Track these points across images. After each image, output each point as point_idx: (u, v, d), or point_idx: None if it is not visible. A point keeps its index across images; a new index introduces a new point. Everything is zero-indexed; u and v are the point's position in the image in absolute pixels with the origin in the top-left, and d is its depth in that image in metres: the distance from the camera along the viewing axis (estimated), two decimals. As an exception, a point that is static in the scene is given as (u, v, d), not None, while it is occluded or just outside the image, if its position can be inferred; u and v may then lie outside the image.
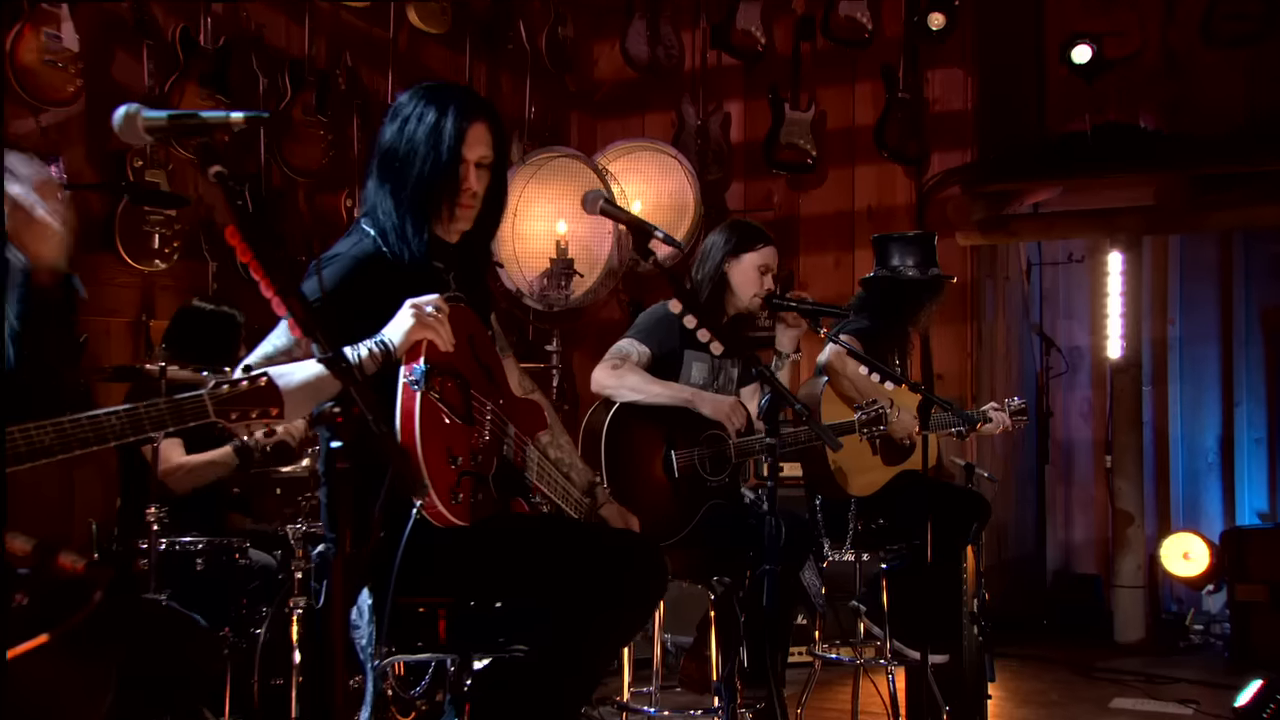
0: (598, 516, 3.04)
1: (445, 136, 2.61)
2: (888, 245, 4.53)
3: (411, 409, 2.43)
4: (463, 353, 2.59)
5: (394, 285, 2.55)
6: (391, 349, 2.46)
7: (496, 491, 2.64)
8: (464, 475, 2.53)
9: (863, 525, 4.34)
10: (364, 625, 2.52)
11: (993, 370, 6.69)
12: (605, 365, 3.74)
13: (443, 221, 2.69)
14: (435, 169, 2.61)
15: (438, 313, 2.48)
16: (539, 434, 2.95)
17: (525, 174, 5.74)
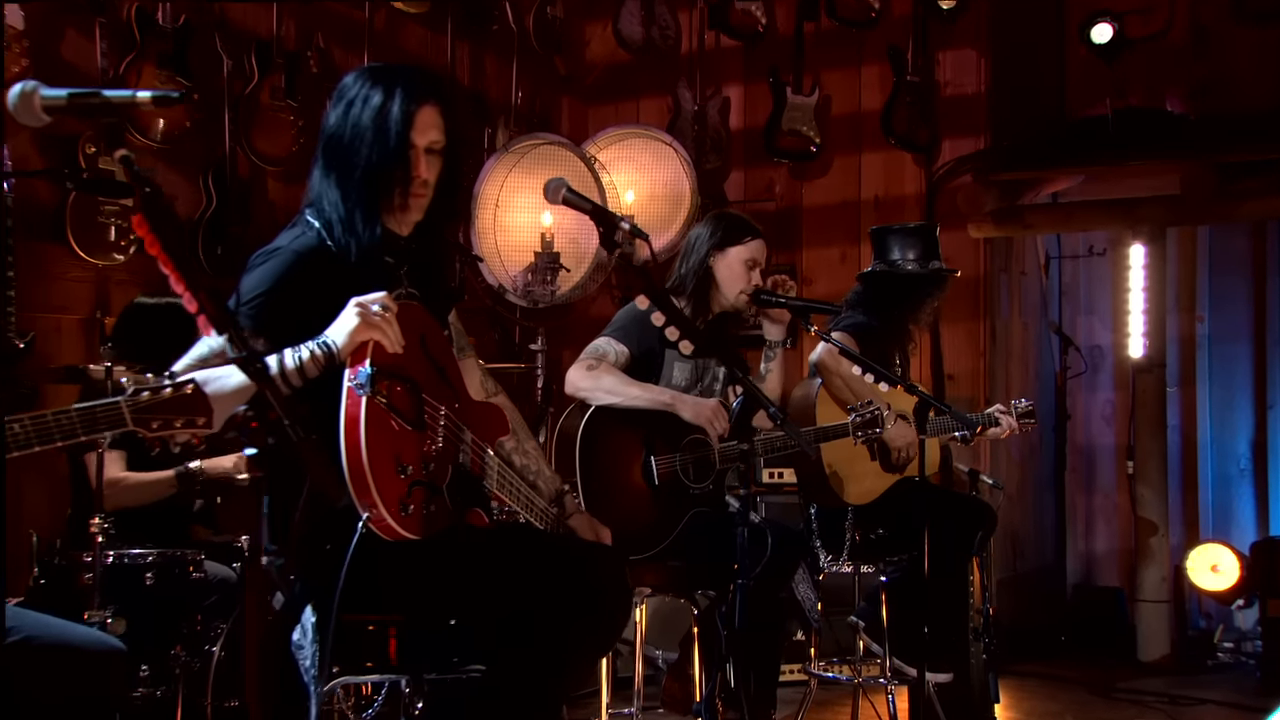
0: (566, 527, 3.02)
1: (392, 121, 2.58)
2: (886, 237, 4.51)
3: (356, 415, 2.40)
4: (414, 354, 2.56)
5: (339, 281, 2.52)
6: (334, 350, 2.43)
7: (451, 502, 2.61)
8: (415, 485, 2.50)
9: (860, 535, 4.33)
10: (308, 645, 2.49)
11: (1007, 370, 6.64)
12: (580, 366, 3.72)
13: (393, 212, 2.66)
14: (383, 156, 2.58)
15: (385, 311, 2.45)
16: (500, 440, 2.93)
17: (508, 162, 5.71)
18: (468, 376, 2.97)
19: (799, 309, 3.86)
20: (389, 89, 2.61)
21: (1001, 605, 6.28)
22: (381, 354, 2.46)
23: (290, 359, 2.41)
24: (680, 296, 3.93)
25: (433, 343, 2.66)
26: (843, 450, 4.17)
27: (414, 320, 2.60)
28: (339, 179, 2.60)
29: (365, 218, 2.59)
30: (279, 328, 2.47)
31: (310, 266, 2.55)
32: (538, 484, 3.03)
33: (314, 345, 2.42)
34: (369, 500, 2.40)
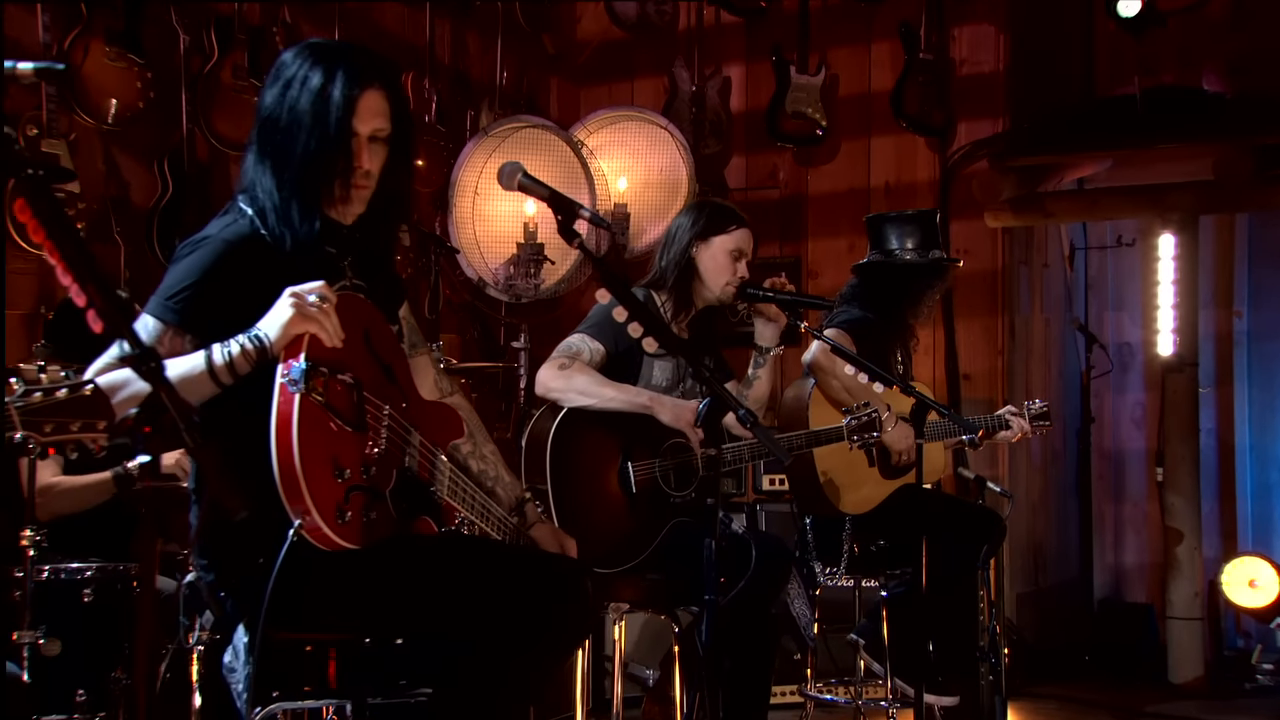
0: (527, 538, 2.99)
1: (333, 106, 2.54)
2: (883, 226, 4.50)
3: (289, 413, 2.37)
4: (355, 349, 2.53)
5: (274, 272, 2.49)
6: (267, 344, 2.40)
7: (396, 509, 2.57)
8: (354, 490, 2.47)
9: (859, 547, 4.31)
10: (240, 668, 2.46)
11: (1028, 370, 6.60)
12: (552, 365, 3.70)
13: (333, 202, 2.62)
14: (322, 144, 2.55)
15: (323, 302, 2.42)
16: (455, 443, 2.89)
17: (487, 147, 5.69)
18: (420, 374, 2.95)
19: (788, 304, 3.84)
20: (329, 70, 2.57)
21: (1021, 622, 6.26)
22: (319, 348, 2.43)
23: (219, 354, 2.38)
24: (661, 290, 3.91)
25: (377, 337, 2.63)
26: (839, 456, 4.14)
27: (356, 313, 2.56)
28: (274, 166, 2.57)
29: (302, 208, 2.56)
30: (208, 323, 2.44)
31: (242, 257, 2.52)
32: (496, 491, 3.00)
33: (245, 339, 2.39)
34: (301, 506, 2.36)
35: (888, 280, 4.46)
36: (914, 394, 3.60)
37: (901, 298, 4.46)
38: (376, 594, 2.53)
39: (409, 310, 2.97)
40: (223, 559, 2.52)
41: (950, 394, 6.29)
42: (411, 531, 2.63)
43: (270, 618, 2.39)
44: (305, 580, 2.44)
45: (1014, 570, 6.31)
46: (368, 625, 2.56)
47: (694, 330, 3.97)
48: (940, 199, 6.36)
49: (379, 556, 2.50)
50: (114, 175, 4.73)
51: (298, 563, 2.39)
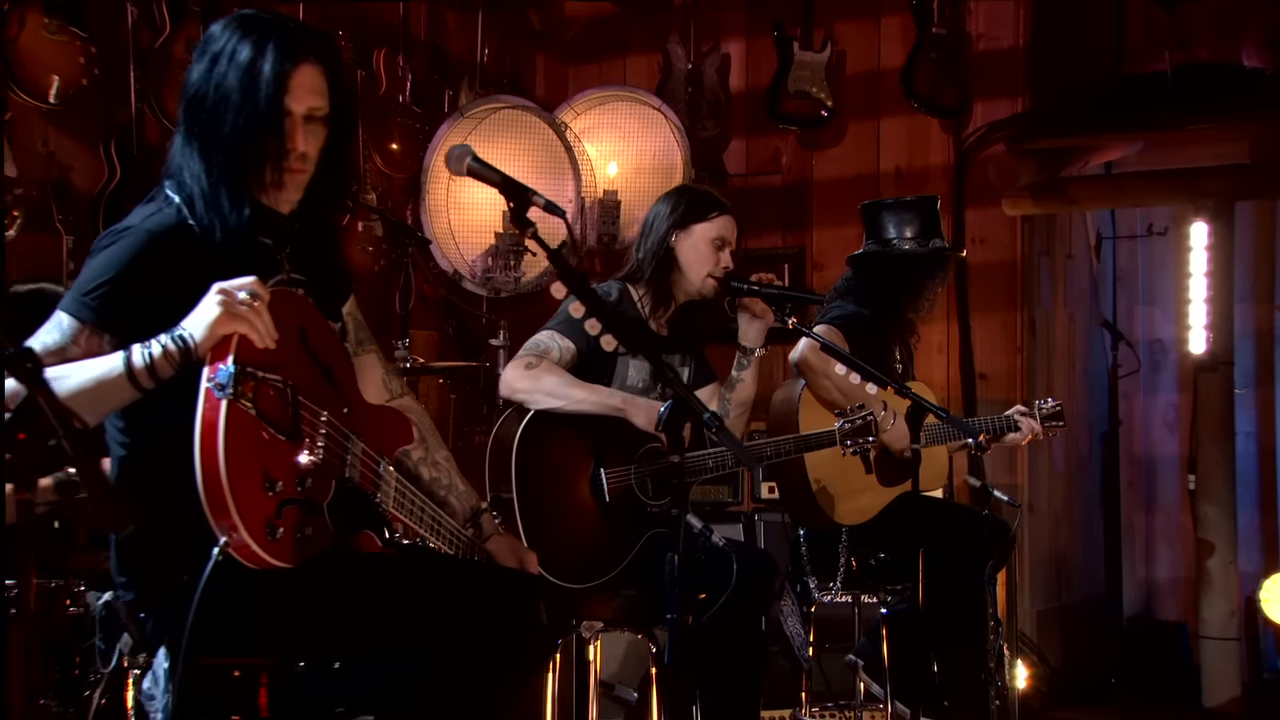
0: (483, 551, 2.97)
1: (263, 82, 2.52)
2: (879, 214, 4.50)
3: (214, 421, 2.35)
4: (290, 349, 2.51)
5: (202, 266, 2.47)
6: (191, 345, 2.38)
7: (334, 523, 2.55)
8: (286, 504, 2.45)
9: (857, 560, 4.30)
10: (159, 695, 2.45)
11: (1049, 369, 6.58)
12: (517, 364, 3.70)
13: (266, 188, 2.61)
14: (252, 124, 2.52)
15: (253, 299, 2.40)
16: (405, 450, 2.88)
17: (463, 129, 5.68)
18: (366, 375, 2.93)
19: (775, 298, 3.82)
20: (260, 43, 2.54)
21: (1042, 641, 6.25)
22: (249, 350, 2.41)
23: (139, 356, 2.36)
24: (638, 284, 3.90)
25: (316, 336, 2.61)
26: (833, 463, 4.12)
27: (292, 310, 2.54)
28: (202, 148, 2.55)
29: (232, 195, 2.54)
30: (128, 321, 2.43)
31: (166, 249, 2.50)
32: (449, 500, 2.98)
33: (167, 339, 2.37)
34: (228, 522, 2.35)
35: (885, 272, 4.45)
36: (910, 395, 3.59)
37: (900, 291, 4.45)
38: (312, 614, 2.51)
39: (356, 305, 2.96)
40: (143, 576, 2.51)
41: (965, 395, 6.28)
42: (352, 547, 2.61)
43: (195, 641, 2.37)
44: (233, 600, 2.42)
45: (1034, 585, 6.31)
46: (302, 648, 2.54)
47: (674, 327, 3.96)
48: (954, 185, 6.35)
49: (315, 574, 2.48)
50: (55, 158, 4.72)
51: (225, 581, 2.38)
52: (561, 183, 5.86)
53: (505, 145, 5.76)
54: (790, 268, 6.62)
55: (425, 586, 2.58)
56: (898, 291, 4.45)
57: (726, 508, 5.56)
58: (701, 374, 4.06)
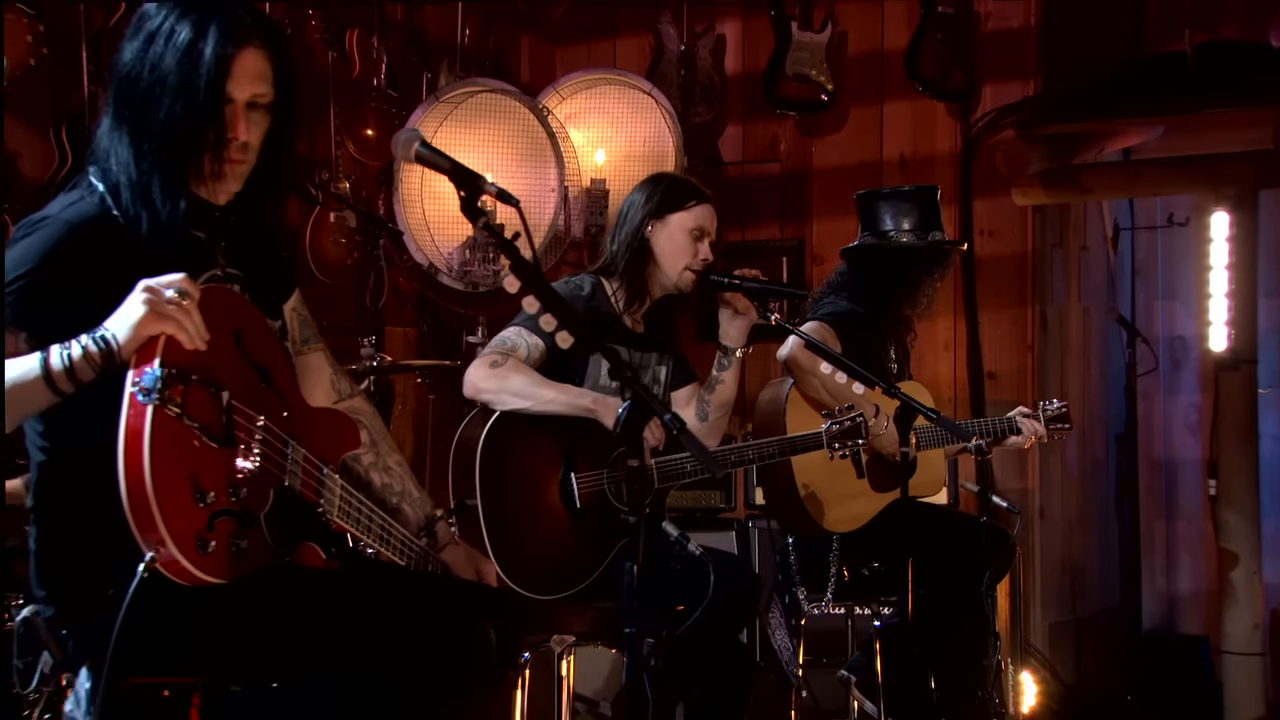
0: (438, 562, 2.96)
1: (203, 66, 2.49)
2: (875, 204, 4.49)
3: (139, 427, 2.32)
4: (224, 351, 2.49)
5: (127, 261, 2.44)
6: (114, 347, 2.35)
7: (273, 536, 2.54)
8: (219, 516, 2.42)
9: (849, 570, 4.31)
10: (81, 717, 2.43)
11: (1063, 367, 6.55)
12: (482, 362, 3.70)
13: (203, 179, 2.58)
14: (189, 110, 2.50)
15: (182, 297, 2.37)
16: (355, 455, 2.88)
17: (438, 114, 5.66)
18: (312, 375, 2.93)
19: (756, 292, 3.80)
20: (201, 23, 2.51)
21: (1054, 656, 6.22)
22: (177, 351, 2.38)
23: (57, 358, 2.33)
24: (611, 278, 3.90)
25: (252, 337, 2.58)
26: (822, 467, 4.11)
27: (226, 309, 2.52)
28: (133, 135, 2.52)
29: (165, 186, 2.51)
30: (45, 318, 2.40)
31: (87, 242, 2.47)
32: (402, 508, 2.97)
33: (88, 339, 2.34)
34: (154, 536, 2.32)
35: (881, 267, 4.45)
36: (898, 395, 3.56)
37: (896, 287, 4.45)
38: (247, 632, 2.49)
39: (301, 301, 2.94)
40: (65, 591, 2.49)
41: (973, 395, 6.25)
42: (293, 560, 2.59)
43: (120, 660, 2.35)
44: (162, 618, 2.40)
45: (1046, 597, 6.28)
46: (237, 668, 2.52)
47: (651, 323, 3.95)
48: (962, 173, 6.32)
49: (251, 590, 2.46)
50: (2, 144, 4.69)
51: (154, 598, 2.35)
52: (543, 171, 5.85)
53: (483, 131, 5.74)
54: (789, 261, 6.61)
55: (368, 603, 2.56)
56: (894, 287, 4.45)
57: (718, 514, 5.55)
58: (680, 374, 4.05)
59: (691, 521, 5.39)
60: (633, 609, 2.58)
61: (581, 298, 3.81)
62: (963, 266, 6.26)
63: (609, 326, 3.84)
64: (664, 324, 3.98)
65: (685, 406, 4.01)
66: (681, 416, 3.89)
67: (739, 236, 6.70)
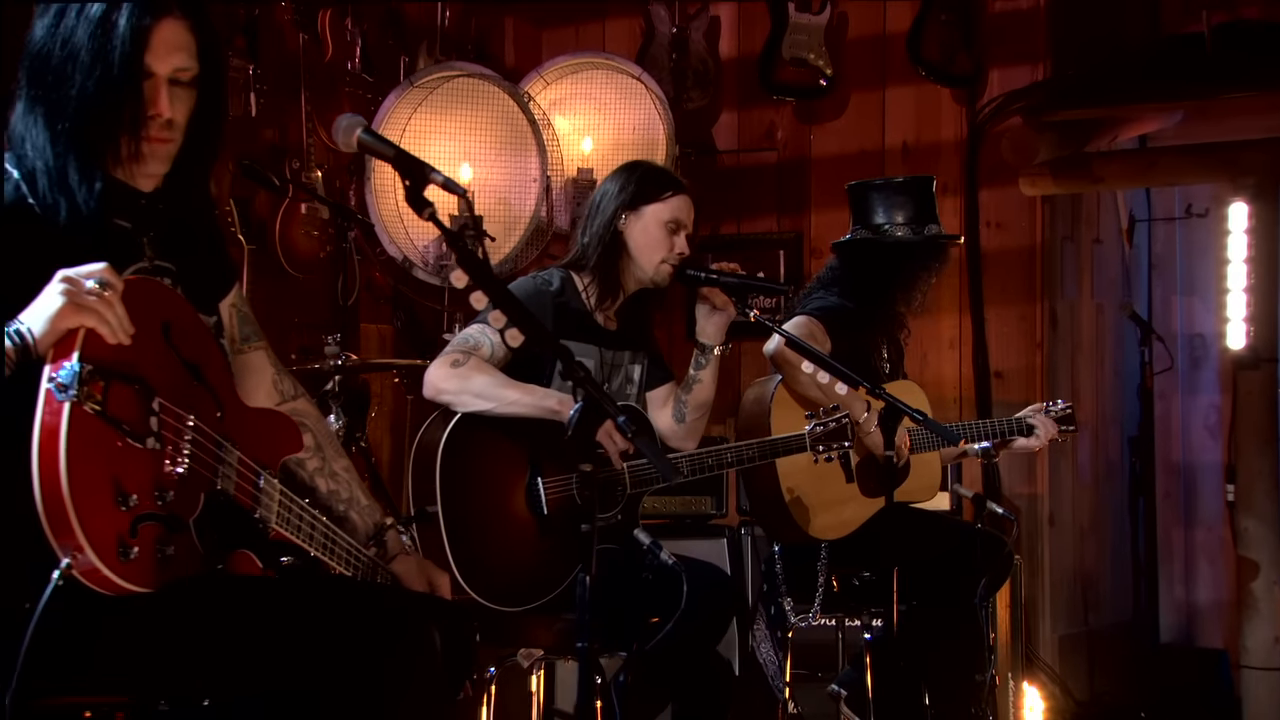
0: (388, 572, 2.92)
1: (118, 38, 2.45)
2: (868, 196, 4.49)
3: (55, 426, 2.28)
4: (150, 345, 2.44)
5: (45, 252, 2.40)
6: (30, 341, 2.31)
7: (203, 542, 2.50)
8: (143, 520, 2.38)
9: (839, 580, 4.30)
10: (-6, 737, 2.38)
11: (1074, 366, 6.52)
12: (443, 361, 3.66)
13: (123, 162, 2.54)
14: (105, 86, 2.45)
15: (103, 289, 2.33)
16: (296, 458, 2.85)
17: (413, 100, 5.62)
18: (253, 375, 2.89)
19: (735, 287, 3.78)
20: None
21: (1065, 670, 6.20)
22: (98, 346, 2.34)
23: (-32, 353, 2.30)
24: (582, 272, 3.88)
25: (183, 332, 2.54)
26: (808, 470, 4.08)
27: (153, 301, 2.48)
28: (47, 115, 2.48)
29: (82, 169, 2.47)
30: None
31: (1, 232, 2.43)
32: (350, 516, 2.94)
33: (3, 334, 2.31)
34: (71, 542, 2.27)
35: (874, 262, 4.44)
36: (883, 396, 3.52)
37: (890, 283, 4.45)
38: (175, 646, 2.44)
39: (242, 297, 2.90)
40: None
41: (979, 395, 6.24)
42: (226, 569, 2.55)
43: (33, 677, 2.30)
44: (82, 629, 2.36)
45: (1056, 608, 6.25)
46: (164, 683, 2.47)
47: (624, 320, 3.93)
48: (967, 162, 6.30)
49: (179, 599, 2.42)
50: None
51: (71, 608, 2.31)
52: (524, 160, 5.81)
53: (460, 118, 5.71)
54: (786, 255, 6.59)
55: (305, 614, 2.52)
56: (887, 284, 4.45)
57: (709, 520, 5.50)
58: (656, 373, 4.03)
59: (682, 529, 5.35)
60: (585, 623, 2.56)
61: (550, 293, 3.78)
62: (968, 260, 6.25)
63: (580, 324, 3.81)
64: (638, 320, 3.96)
65: (662, 408, 3.99)
66: (652, 418, 3.94)
67: (734, 229, 6.70)
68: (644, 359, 3.98)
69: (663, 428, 3.96)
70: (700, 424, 3.97)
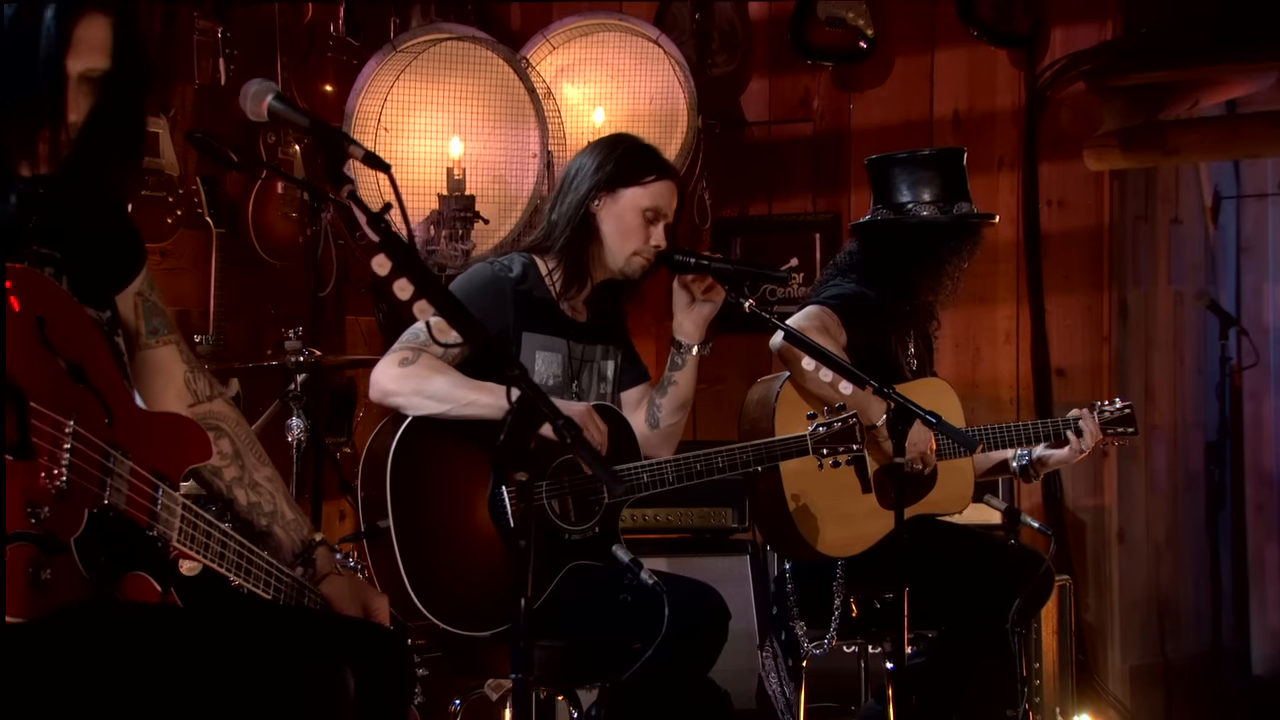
0: (317, 595, 2.90)
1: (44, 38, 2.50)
2: (890, 171, 4.49)
3: (-99, 433, 2.26)
4: (21, 343, 2.41)
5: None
6: None
7: (88, 564, 2.46)
8: (15, 540, 2.35)
9: (857, 602, 4.28)
10: None
11: (1148, 362, 6.47)
12: (391, 360, 3.64)
13: None
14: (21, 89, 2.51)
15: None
16: (210, 468, 2.83)
17: (396, 65, 5.56)
18: (159, 375, 2.87)
19: (728, 275, 3.76)
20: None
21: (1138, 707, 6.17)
22: (-44, 344, 2.32)
23: None
24: (546, 256, 3.85)
25: (62, 327, 2.51)
26: (816, 477, 4.06)
27: (27, 294, 2.45)
28: None
29: None
30: None
31: None
32: (274, 532, 2.91)
33: None
34: (-75, 564, 2.25)
35: (896, 245, 4.40)
36: (891, 395, 3.48)
37: (914, 269, 4.40)
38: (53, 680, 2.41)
39: (150, 285, 2.88)
40: None
41: (1038, 395, 6.21)
42: (117, 594, 2.51)
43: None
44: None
45: (1127, 635, 6.20)
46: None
47: (594, 310, 3.91)
48: (1026, 133, 6.26)
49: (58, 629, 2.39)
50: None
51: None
52: (522, 133, 5.78)
53: (450, 86, 5.67)
54: (822, 238, 6.56)
55: (228, 645, 2.50)
56: (911, 269, 4.40)
57: (731, 535, 5.45)
58: (630, 370, 4.03)
59: (701, 544, 5.34)
60: (520, 652, 2.51)
61: (509, 280, 3.75)
62: (1027, 243, 6.22)
63: (545, 314, 3.80)
64: (611, 311, 3.94)
65: (635, 410, 3.98)
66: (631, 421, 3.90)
67: (764, 210, 6.71)
68: (617, 354, 3.97)
69: (637, 427, 3.92)
70: (677, 430, 3.95)
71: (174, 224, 5.23)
